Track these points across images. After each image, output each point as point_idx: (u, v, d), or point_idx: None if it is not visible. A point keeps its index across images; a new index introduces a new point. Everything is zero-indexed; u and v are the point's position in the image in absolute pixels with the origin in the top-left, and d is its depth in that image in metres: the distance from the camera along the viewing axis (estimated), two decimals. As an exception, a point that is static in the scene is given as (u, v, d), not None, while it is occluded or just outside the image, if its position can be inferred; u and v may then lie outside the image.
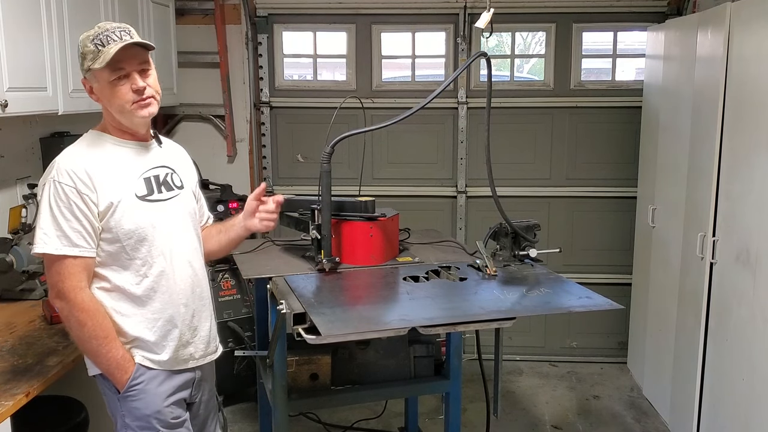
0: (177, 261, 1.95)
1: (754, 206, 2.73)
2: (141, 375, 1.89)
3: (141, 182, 1.91)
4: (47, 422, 2.28)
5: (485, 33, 2.66)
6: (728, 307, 2.92)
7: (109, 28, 1.82)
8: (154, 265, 1.90)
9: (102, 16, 3.06)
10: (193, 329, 2.00)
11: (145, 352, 1.90)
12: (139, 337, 1.89)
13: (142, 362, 1.90)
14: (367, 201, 2.67)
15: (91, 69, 1.81)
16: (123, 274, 1.87)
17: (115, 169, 1.86)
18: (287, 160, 4.52)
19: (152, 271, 1.89)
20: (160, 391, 1.92)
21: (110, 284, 1.87)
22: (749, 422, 2.74)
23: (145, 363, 1.90)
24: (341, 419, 3.68)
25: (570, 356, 4.57)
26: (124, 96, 1.83)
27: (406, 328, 1.96)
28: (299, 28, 4.47)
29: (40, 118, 3.03)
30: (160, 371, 1.92)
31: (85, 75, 1.86)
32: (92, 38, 1.80)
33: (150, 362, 1.91)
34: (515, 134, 4.39)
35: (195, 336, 2.01)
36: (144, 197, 1.90)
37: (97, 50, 1.79)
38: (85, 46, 1.81)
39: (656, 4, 4.22)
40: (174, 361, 1.95)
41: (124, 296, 1.88)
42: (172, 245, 1.94)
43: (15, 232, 2.79)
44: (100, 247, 1.84)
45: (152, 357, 1.91)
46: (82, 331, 1.81)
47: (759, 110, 2.69)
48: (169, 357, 1.93)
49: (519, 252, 2.65)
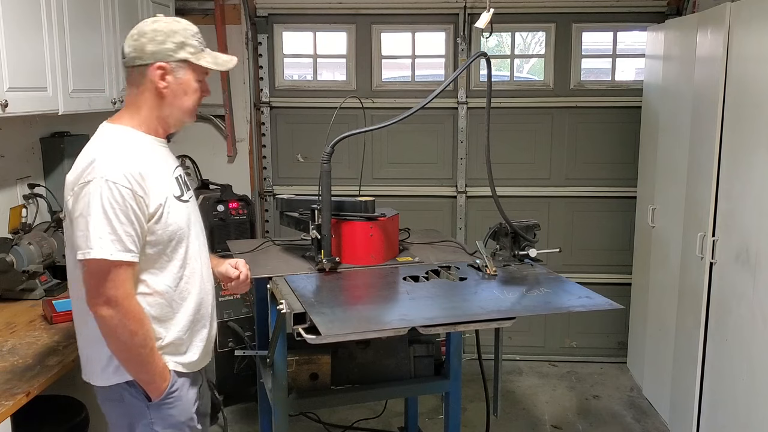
0: (204, 261, 1.96)
1: (753, 206, 2.73)
2: (176, 382, 1.86)
3: (174, 182, 1.88)
4: (47, 422, 2.28)
5: (485, 33, 2.66)
6: (728, 307, 2.92)
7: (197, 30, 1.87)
8: (188, 266, 1.88)
9: (102, 16, 3.06)
10: (214, 328, 2.04)
11: (176, 357, 1.87)
12: (173, 342, 1.85)
13: (175, 368, 1.87)
14: (367, 201, 2.67)
15: (188, 60, 1.81)
16: (160, 277, 1.81)
17: (158, 169, 1.82)
18: (287, 160, 4.52)
19: (187, 272, 1.87)
20: (190, 396, 1.92)
21: (149, 289, 1.80)
22: (749, 422, 2.74)
23: (178, 368, 1.87)
24: (341, 419, 3.68)
25: (570, 356, 4.57)
26: (196, 99, 1.87)
27: (406, 328, 1.96)
28: (299, 28, 4.47)
29: (40, 118, 3.03)
30: (187, 377, 1.91)
31: (169, 60, 1.79)
32: (192, 33, 1.83)
33: (181, 366, 1.88)
34: (515, 134, 4.39)
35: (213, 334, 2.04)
36: (179, 198, 1.87)
37: (201, 48, 1.82)
38: (185, 35, 1.80)
39: (656, 4, 4.23)
40: (200, 361, 1.95)
41: (163, 300, 1.82)
42: (200, 245, 1.94)
43: (15, 232, 2.79)
44: (141, 251, 1.76)
45: (183, 360, 1.88)
46: (133, 339, 1.72)
47: (759, 110, 2.69)
48: (198, 357, 1.93)
49: (519, 252, 2.65)
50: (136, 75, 1.80)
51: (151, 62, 1.78)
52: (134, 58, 1.79)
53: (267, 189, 4.52)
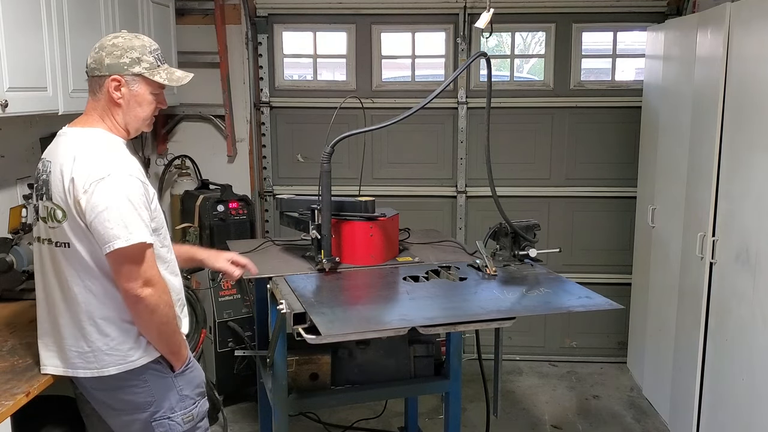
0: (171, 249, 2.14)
1: (753, 206, 2.73)
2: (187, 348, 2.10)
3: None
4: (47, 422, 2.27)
5: (485, 33, 2.67)
6: (728, 307, 2.92)
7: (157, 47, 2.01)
8: (170, 252, 2.07)
9: (102, 16, 3.06)
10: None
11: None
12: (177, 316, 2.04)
13: None
14: (367, 201, 2.68)
15: (142, 75, 1.94)
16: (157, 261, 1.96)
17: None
18: (287, 160, 4.52)
19: (171, 257, 2.07)
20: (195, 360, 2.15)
21: None
22: (749, 422, 2.74)
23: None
24: (341, 419, 3.68)
25: (570, 356, 4.57)
26: (152, 110, 2.01)
27: (406, 328, 1.97)
28: (299, 28, 4.48)
29: (40, 118, 3.03)
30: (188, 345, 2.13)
31: (124, 74, 1.93)
32: (150, 50, 1.97)
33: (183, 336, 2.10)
34: (515, 134, 4.39)
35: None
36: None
37: (158, 64, 1.97)
38: (142, 52, 1.94)
39: (656, 4, 4.23)
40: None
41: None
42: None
43: (15, 231, 2.79)
44: None
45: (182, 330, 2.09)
46: (169, 312, 1.92)
47: (759, 110, 2.69)
48: (188, 330, 2.14)
49: (519, 252, 2.65)
50: (95, 84, 1.96)
51: (107, 74, 1.93)
52: (93, 68, 1.95)
53: (267, 189, 4.52)
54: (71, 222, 1.85)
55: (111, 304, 1.90)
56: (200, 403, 2.09)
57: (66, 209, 1.85)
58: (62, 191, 1.85)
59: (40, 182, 1.93)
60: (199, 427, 2.08)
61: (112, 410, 2.01)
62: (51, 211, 1.89)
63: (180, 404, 2.01)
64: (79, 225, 1.84)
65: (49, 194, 1.89)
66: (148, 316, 1.88)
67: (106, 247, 1.79)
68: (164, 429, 1.99)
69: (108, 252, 1.80)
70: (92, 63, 1.95)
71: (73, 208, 1.83)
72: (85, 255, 1.86)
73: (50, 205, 1.89)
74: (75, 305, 1.90)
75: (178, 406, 2.01)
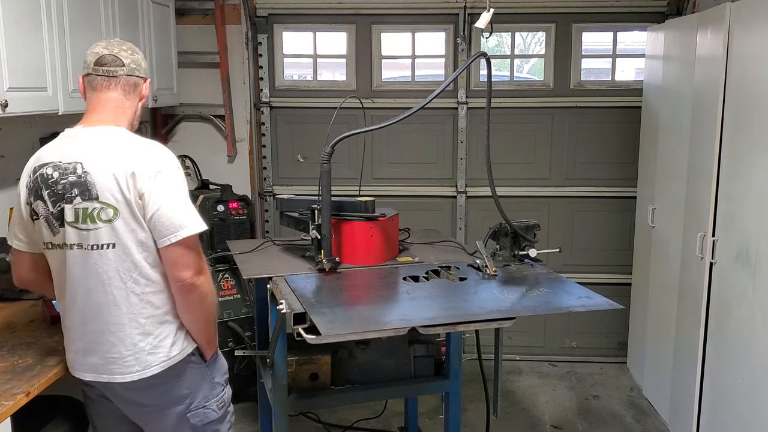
0: None
1: (753, 206, 2.73)
2: None
3: None
4: (47, 422, 2.27)
5: (485, 33, 2.66)
6: (728, 307, 2.92)
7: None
8: None
9: (102, 16, 3.06)
10: None
11: None
12: None
13: None
14: (367, 201, 2.68)
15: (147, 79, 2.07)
16: None
17: None
18: (287, 160, 4.52)
19: None
20: None
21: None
22: (749, 422, 2.74)
23: None
24: (341, 419, 3.68)
25: (570, 356, 4.57)
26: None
27: (406, 328, 1.96)
28: (299, 28, 4.48)
29: (40, 118, 3.02)
30: None
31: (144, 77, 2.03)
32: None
33: None
34: (515, 134, 4.39)
35: None
36: None
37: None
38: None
39: (656, 4, 4.23)
40: None
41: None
42: None
43: (15, 232, 2.78)
44: None
45: None
46: (214, 299, 2.00)
47: (759, 110, 2.69)
48: None
49: (519, 252, 2.65)
50: (130, 84, 1.98)
51: (144, 76, 2.02)
52: (134, 69, 1.98)
53: (267, 189, 4.52)
54: (124, 219, 1.81)
55: (154, 302, 1.90)
56: (227, 389, 2.15)
57: (120, 207, 1.80)
58: (117, 188, 1.80)
59: (62, 186, 1.84)
60: (229, 411, 2.15)
61: (145, 407, 1.99)
62: (93, 212, 1.81)
63: (212, 392, 2.06)
64: (134, 221, 1.81)
65: (90, 195, 1.81)
66: (199, 305, 1.93)
67: (172, 236, 1.81)
68: (199, 419, 2.02)
69: (173, 242, 1.82)
70: (131, 63, 1.96)
71: (134, 202, 1.80)
72: (133, 252, 1.83)
73: (92, 206, 1.81)
74: (114, 309, 1.86)
75: (211, 394, 2.05)
